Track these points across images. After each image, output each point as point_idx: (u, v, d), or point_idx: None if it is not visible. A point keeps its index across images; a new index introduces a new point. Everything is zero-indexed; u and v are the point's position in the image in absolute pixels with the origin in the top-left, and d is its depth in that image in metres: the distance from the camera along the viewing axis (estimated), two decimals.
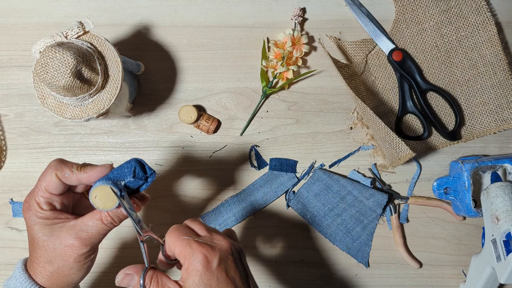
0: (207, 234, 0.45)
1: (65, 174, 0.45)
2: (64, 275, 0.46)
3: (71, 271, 0.46)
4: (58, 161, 0.47)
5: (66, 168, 0.45)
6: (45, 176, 0.46)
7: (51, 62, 0.48)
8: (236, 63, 0.66)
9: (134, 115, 0.65)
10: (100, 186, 0.43)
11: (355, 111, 0.66)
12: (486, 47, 0.64)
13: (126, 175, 0.44)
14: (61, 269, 0.45)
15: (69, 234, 0.45)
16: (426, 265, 0.66)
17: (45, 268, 0.46)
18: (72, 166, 0.46)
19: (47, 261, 0.45)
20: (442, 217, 0.66)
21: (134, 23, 0.66)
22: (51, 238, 0.45)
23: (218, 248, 0.42)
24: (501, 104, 0.64)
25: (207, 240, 0.43)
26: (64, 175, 0.45)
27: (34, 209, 0.46)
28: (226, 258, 0.42)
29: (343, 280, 0.66)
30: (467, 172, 0.60)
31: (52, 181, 0.45)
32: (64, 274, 0.46)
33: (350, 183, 0.65)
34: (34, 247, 0.46)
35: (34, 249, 0.46)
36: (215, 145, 0.66)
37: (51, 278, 0.46)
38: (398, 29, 0.66)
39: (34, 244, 0.46)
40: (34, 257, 0.46)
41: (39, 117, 0.66)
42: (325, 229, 0.65)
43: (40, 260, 0.46)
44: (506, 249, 0.53)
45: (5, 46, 0.66)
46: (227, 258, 0.43)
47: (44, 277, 0.46)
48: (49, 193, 0.46)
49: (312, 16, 0.66)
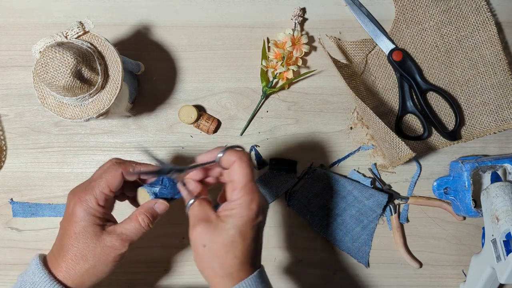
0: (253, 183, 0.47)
1: (129, 169, 0.49)
2: (98, 272, 0.47)
3: (106, 269, 0.48)
4: (116, 159, 0.50)
5: (128, 165, 0.49)
6: (109, 172, 0.48)
7: (51, 62, 0.48)
8: (236, 63, 0.66)
9: (134, 115, 0.65)
10: (141, 188, 0.51)
11: (355, 111, 0.66)
12: (486, 47, 0.64)
13: (157, 183, 0.51)
14: (96, 268, 0.47)
15: (110, 236, 0.47)
16: (426, 265, 0.66)
17: (78, 264, 0.46)
18: (132, 162, 0.50)
19: (82, 258, 0.46)
20: (442, 217, 0.66)
21: (134, 23, 0.66)
22: (94, 237, 0.46)
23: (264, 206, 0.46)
24: (501, 104, 0.64)
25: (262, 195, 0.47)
26: (128, 171, 0.48)
27: (90, 204, 0.47)
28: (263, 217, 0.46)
29: (343, 280, 0.66)
30: (467, 172, 0.60)
31: (117, 178, 0.48)
32: (99, 272, 0.47)
33: (350, 183, 0.65)
34: (70, 241, 0.47)
35: (68, 244, 0.47)
36: (215, 145, 0.66)
37: (83, 276, 0.47)
38: (398, 29, 0.66)
39: (71, 239, 0.46)
40: (64, 252, 0.46)
41: (39, 117, 0.66)
42: (325, 229, 0.65)
43: (73, 256, 0.46)
44: (506, 249, 0.53)
45: (5, 46, 0.66)
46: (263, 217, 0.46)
47: (71, 273, 0.46)
48: (110, 190, 0.48)
49: (312, 16, 0.66)
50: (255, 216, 0.44)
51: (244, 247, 0.44)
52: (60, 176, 0.65)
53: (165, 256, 0.65)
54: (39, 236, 0.65)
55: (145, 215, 0.49)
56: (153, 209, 0.49)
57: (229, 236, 0.43)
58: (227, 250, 0.43)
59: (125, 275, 0.65)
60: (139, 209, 0.49)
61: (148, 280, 0.65)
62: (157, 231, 0.65)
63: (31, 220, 0.65)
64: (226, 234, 0.43)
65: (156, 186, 0.51)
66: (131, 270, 0.65)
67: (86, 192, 0.47)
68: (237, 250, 0.44)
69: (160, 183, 0.51)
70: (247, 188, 0.45)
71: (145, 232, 0.49)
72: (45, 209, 0.65)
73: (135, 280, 0.65)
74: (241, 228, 0.44)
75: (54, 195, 0.65)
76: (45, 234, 0.65)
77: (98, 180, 0.48)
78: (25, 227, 0.65)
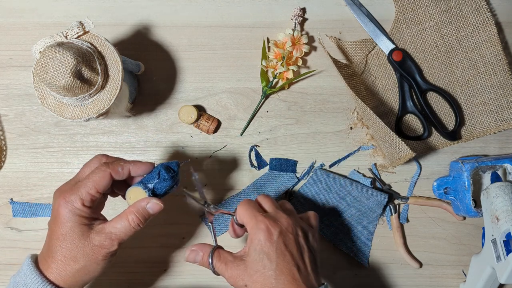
0: (273, 211, 0.50)
1: (117, 169, 0.47)
2: (88, 272, 0.47)
3: (97, 268, 0.47)
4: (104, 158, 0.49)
5: (116, 165, 0.48)
6: (96, 173, 0.47)
7: (51, 62, 0.48)
8: (236, 63, 0.66)
9: (134, 115, 0.65)
10: (133, 188, 0.49)
11: (355, 111, 0.66)
12: (486, 47, 0.64)
13: (154, 177, 0.49)
14: (87, 267, 0.46)
15: (99, 235, 0.46)
16: (426, 265, 0.66)
17: (68, 265, 0.46)
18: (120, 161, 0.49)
19: (71, 258, 0.46)
20: (442, 217, 0.66)
21: (134, 23, 0.66)
22: (82, 237, 0.46)
23: (279, 223, 0.47)
24: (501, 104, 0.64)
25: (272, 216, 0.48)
26: (117, 171, 0.47)
27: (75, 205, 0.46)
28: (286, 232, 0.47)
29: (343, 280, 0.66)
30: (467, 172, 0.60)
31: (105, 179, 0.47)
32: (89, 271, 0.47)
33: (350, 183, 0.65)
34: (58, 243, 0.46)
35: (56, 245, 0.46)
36: (215, 145, 0.66)
37: (74, 276, 0.46)
38: (398, 29, 0.66)
39: (59, 240, 0.46)
40: (53, 254, 0.46)
41: (39, 117, 0.66)
42: (325, 229, 0.65)
43: (62, 257, 0.46)
44: (506, 249, 0.53)
45: (5, 46, 0.66)
46: (287, 232, 0.47)
47: (62, 275, 0.46)
48: (97, 191, 0.47)
49: (312, 16, 0.66)
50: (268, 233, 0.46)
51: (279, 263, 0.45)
52: (60, 176, 0.65)
53: (164, 256, 0.65)
54: (39, 236, 0.65)
55: (135, 215, 0.47)
56: (145, 209, 0.48)
57: (258, 262, 0.45)
58: (264, 273, 0.45)
59: (124, 275, 0.65)
60: (130, 208, 0.48)
61: (148, 280, 0.65)
62: (157, 231, 0.65)
63: (31, 220, 0.65)
64: (256, 262, 0.45)
65: (151, 182, 0.49)
66: (130, 270, 0.65)
67: (72, 192, 0.46)
68: (271, 271, 0.44)
69: (157, 176, 0.49)
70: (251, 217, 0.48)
71: (136, 232, 0.48)
72: (45, 209, 0.65)
73: (134, 280, 0.65)
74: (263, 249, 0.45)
75: None
76: (45, 234, 0.64)
77: (85, 181, 0.47)
78: (25, 227, 0.65)
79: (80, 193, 0.46)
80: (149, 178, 0.49)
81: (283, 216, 0.48)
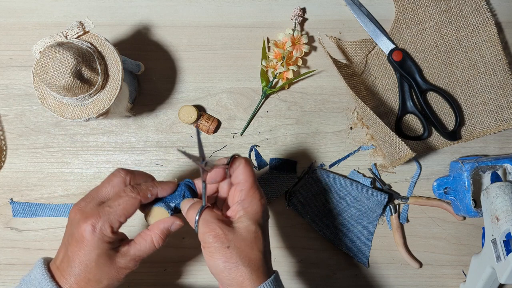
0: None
1: (147, 196, 0.47)
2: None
3: (117, 284, 0.47)
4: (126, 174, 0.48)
5: (146, 191, 0.47)
6: (126, 200, 0.46)
7: (51, 62, 0.48)
8: (236, 63, 0.66)
9: (134, 115, 0.65)
10: (156, 208, 0.49)
11: (355, 111, 0.66)
12: (486, 47, 0.64)
13: (177, 197, 0.50)
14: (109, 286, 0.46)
15: (124, 258, 0.46)
16: (426, 265, 0.66)
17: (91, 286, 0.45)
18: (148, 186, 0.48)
19: (96, 281, 0.45)
20: (442, 217, 0.66)
21: (134, 23, 0.66)
22: (108, 261, 0.45)
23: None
24: (501, 104, 0.64)
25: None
26: (146, 197, 0.47)
27: (105, 233, 0.45)
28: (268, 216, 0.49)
29: (343, 280, 0.66)
30: (467, 172, 0.60)
31: (134, 206, 0.46)
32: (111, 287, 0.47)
33: (350, 183, 0.65)
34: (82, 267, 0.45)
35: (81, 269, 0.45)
36: (215, 145, 0.66)
37: None
38: (398, 29, 0.66)
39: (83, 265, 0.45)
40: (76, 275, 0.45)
41: (39, 117, 0.66)
42: (325, 229, 0.65)
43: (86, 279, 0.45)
44: (506, 249, 0.53)
45: (5, 46, 0.66)
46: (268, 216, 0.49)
47: None
48: (126, 218, 0.46)
49: (312, 16, 0.66)
50: (266, 211, 0.47)
51: (265, 241, 0.45)
52: (60, 176, 0.65)
53: (165, 256, 0.65)
54: (39, 236, 0.65)
55: (160, 236, 0.47)
56: (169, 230, 0.48)
57: (252, 233, 0.44)
58: (252, 246, 0.44)
59: None
60: (155, 230, 0.48)
61: (148, 280, 0.65)
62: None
63: (31, 220, 0.65)
64: (248, 231, 0.44)
65: (174, 201, 0.49)
66: None
67: (99, 217, 0.45)
68: (260, 245, 0.45)
69: (182, 196, 0.49)
70: (255, 186, 0.47)
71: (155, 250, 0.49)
72: (45, 209, 0.65)
73: (135, 280, 0.65)
74: (259, 223, 0.45)
75: (54, 195, 0.65)
76: (45, 234, 0.65)
77: (114, 206, 0.46)
78: (25, 227, 0.65)
79: (110, 220, 0.45)
80: (172, 198, 0.50)
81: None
